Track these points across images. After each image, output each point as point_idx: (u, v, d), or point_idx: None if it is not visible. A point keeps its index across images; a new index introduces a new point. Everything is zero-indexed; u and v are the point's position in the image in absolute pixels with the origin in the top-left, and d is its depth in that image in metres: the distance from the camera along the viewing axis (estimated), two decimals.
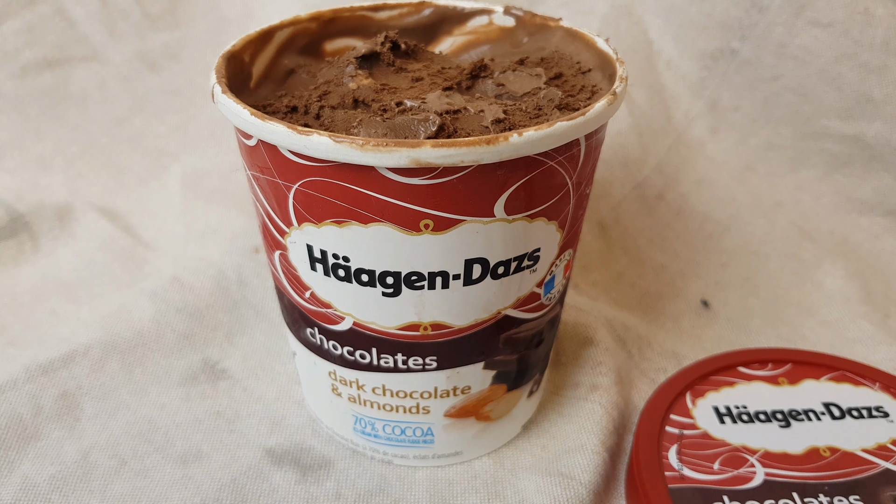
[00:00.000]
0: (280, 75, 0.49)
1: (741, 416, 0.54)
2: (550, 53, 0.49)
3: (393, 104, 0.41)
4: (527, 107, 0.41)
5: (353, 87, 0.43)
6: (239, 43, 0.46)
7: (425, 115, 0.39)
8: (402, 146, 0.35)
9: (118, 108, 0.84)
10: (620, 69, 0.44)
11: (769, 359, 0.59)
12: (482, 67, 0.47)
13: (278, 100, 0.45)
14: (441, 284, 0.41)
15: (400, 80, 0.45)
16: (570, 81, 0.46)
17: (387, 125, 0.39)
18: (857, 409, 0.55)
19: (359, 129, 0.39)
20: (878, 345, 0.67)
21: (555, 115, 0.41)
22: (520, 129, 0.36)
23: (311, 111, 0.42)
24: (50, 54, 0.83)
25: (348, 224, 0.39)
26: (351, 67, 0.45)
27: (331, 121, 0.41)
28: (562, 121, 0.37)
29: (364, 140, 0.35)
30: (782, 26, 0.79)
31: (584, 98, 0.44)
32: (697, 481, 0.49)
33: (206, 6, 0.87)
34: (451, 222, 0.38)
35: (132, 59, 0.85)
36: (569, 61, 0.48)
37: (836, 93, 0.79)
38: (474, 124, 0.39)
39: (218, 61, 0.44)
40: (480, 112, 0.40)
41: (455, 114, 0.40)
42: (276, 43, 0.49)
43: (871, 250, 0.77)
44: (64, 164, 0.81)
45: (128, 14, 0.85)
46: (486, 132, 0.39)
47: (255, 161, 0.41)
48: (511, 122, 0.39)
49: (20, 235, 0.75)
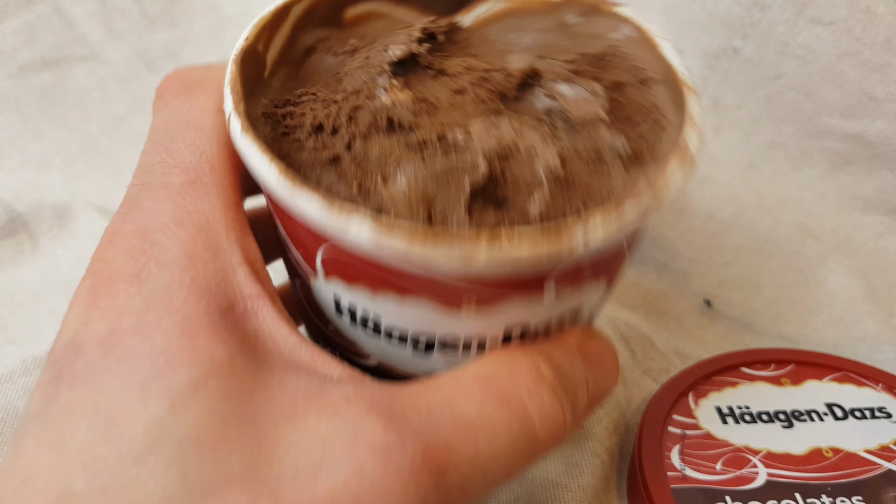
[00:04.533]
0: (297, 57, 0.44)
1: (744, 416, 0.54)
2: (605, 49, 0.44)
3: (434, 137, 0.37)
4: (585, 149, 0.37)
5: (387, 103, 0.39)
6: (252, 32, 0.41)
7: (472, 158, 0.36)
8: (455, 243, 0.31)
9: (117, 108, 0.84)
10: (693, 103, 0.39)
11: (772, 359, 0.59)
12: (532, 75, 0.41)
13: (299, 103, 0.41)
14: (476, 347, 0.40)
15: (439, 89, 0.41)
16: (632, 99, 0.42)
17: (428, 170, 0.35)
18: (860, 410, 0.55)
19: (396, 172, 0.36)
20: (883, 344, 0.67)
21: (617, 170, 0.37)
22: (585, 229, 0.32)
23: (340, 137, 0.38)
24: (48, 54, 0.83)
25: (383, 292, 0.37)
26: (384, 78, 0.40)
27: (363, 156, 0.37)
28: (631, 205, 0.33)
29: (410, 234, 0.32)
30: (784, 24, 0.79)
31: (649, 135, 0.40)
32: (700, 482, 0.49)
33: (205, 5, 0.87)
34: (497, 297, 0.37)
35: (131, 59, 0.85)
36: (628, 64, 0.43)
37: (839, 91, 0.79)
38: (526, 170, 0.36)
39: (231, 70, 0.40)
40: (532, 151, 0.37)
41: (504, 156, 0.36)
42: (293, 19, 0.44)
43: (874, 248, 0.76)
44: (63, 163, 0.81)
45: (126, 13, 0.85)
46: (538, 188, 0.35)
47: (279, 208, 0.38)
48: (569, 173, 0.36)
49: (19, 235, 0.75)
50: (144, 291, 0.34)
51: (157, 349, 0.32)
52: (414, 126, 0.38)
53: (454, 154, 0.36)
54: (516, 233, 0.32)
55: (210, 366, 0.32)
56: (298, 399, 0.33)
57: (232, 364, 0.33)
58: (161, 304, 0.33)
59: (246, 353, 0.34)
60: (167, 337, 0.32)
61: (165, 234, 0.35)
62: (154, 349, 0.32)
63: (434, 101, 0.39)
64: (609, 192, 0.37)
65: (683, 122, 0.39)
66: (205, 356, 0.32)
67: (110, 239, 0.36)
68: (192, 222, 0.36)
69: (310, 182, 0.37)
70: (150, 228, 0.35)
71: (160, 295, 0.34)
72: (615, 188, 0.37)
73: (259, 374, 0.33)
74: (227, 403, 0.32)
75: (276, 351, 0.35)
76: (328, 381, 0.34)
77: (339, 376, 0.35)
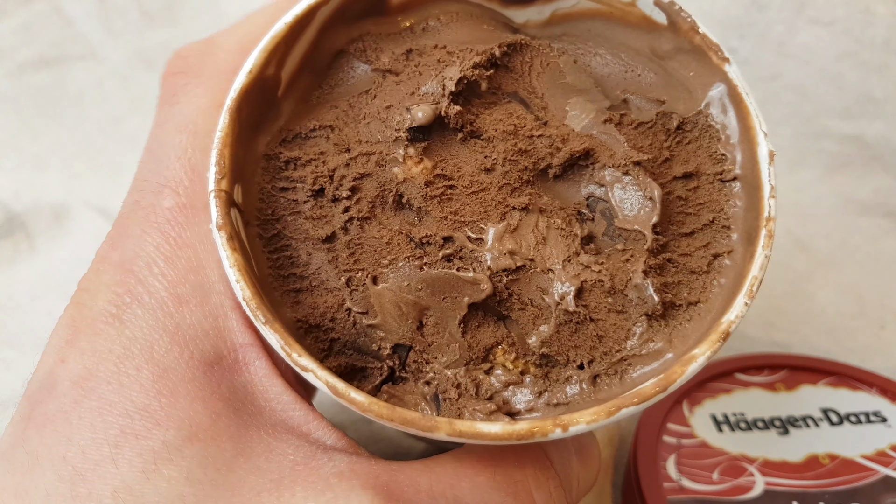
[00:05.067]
0: (322, 63, 0.40)
1: (739, 423, 0.54)
2: (695, 118, 0.38)
3: (440, 238, 0.34)
4: (612, 288, 0.34)
5: (398, 175, 0.35)
6: (257, 61, 0.36)
7: (473, 279, 0.34)
8: (412, 425, 0.30)
9: (115, 107, 0.84)
10: (761, 251, 0.34)
11: (765, 364, 0.59)
12: (585, 155, 0.36)
13: (309, 138, 0.37)
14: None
15: (465, 160, 0.36)
16: (702, 200, 0.37)
17: (425, 279, 0.34)
18: (856, 415, 0.55)
19: (389, 274, 0.34)
20: (874, 355, 0.67)
21: (640, 327, 0.35)
22: (566, 427, 0.30)
23: (340, 211, 0.35)
24: (46, 53, 0.83)
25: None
26: (400, 144, 0.35)
27: (359, 243, 0.35)
28: (628, 410, 0.31)
29: (365, 407, 0.30)
30: (782, 25, 0.79)
31: (696, 283, 0.36)
32: (697, 492, 0.49)
33: (205, 3, 0.87)
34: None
35: (130, 58, 0.85)
36: (711, 148, 0.38)
37: (837, 92, 0.79)
38: (537, 293, 0.34)
39: (224, 125, 0.35)
40: (548, 273, 0.34)
41: (515, 272, 0.34)
42: (319, 22, 0.39)
43: (869, 253, 0.76)
44: (60, 163, 0.81)
45: (125, 12, 0.85)
46: (545, 321, 0.34)
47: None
48: (584, 309, 0.34)
49: (16, 235, 0.75)
50: (125, 336, 0.32)
51: (134, 405, 0.31)
52: (423, 211, 0.35)
53: (457, 263, 0.34)
54: (478, 422, 0.30)
55: (189, 429, 0.31)
56: (285, 469, 0.31)
57: (214, 427, 0.31)
58: (141, 352, 0.32)
59: (231, 414, 0.32)
60: (144, 392, 0.31)
61: (151, 272, 0.34)
62: (130, 405, 0.31)
63: (454, 179, 0.35)
64: (619, 348, 0.34)
65: (740, 284, 0.34)
66: (184, 417, 0.31)
67: (97, 267, 0.35)
68: (180, 259, 0.34)
69: (302, 302, 0.35)
70: (136, 262, 0.34)
71: (141, 342, 0.32)
72: (627, 350, 0.34)
73: (244, 439, 0.32)
74: (205, 471, 0.30)
75: (268, 409, 0.33)
76: (320, 450, 0.32)
77: (333, 445, 0.33)
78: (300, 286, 0.36)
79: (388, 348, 0.35)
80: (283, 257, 0.36)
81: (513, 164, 0.36)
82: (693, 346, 0.33)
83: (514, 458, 0.34)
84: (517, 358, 0.35)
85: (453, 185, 0.35)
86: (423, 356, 0.35)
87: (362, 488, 0.30)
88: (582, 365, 0.35)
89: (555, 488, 0.35)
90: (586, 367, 0.34)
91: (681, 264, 0.36)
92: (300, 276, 0.36)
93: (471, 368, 0.35)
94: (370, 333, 0.35)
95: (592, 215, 0.36)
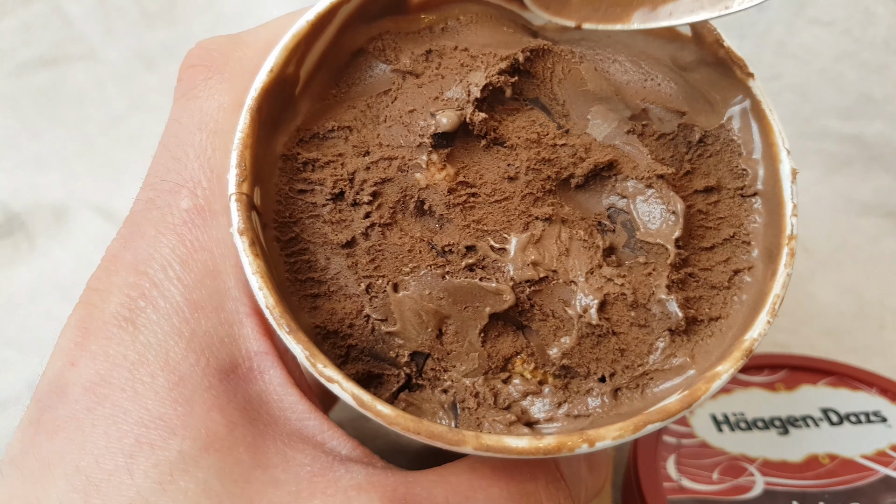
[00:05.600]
0: (340, 62, 0.39)
1: (739, 423, 0.54)
2: (717, 131, 0.38)
3: (462, 247, 0.34)
4: (635, 301, 0.34)
5: (421, 182, 0.35)
6: (278, 59, 0.35)
7: (496, 289, 0.33)
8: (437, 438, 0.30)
9: (115, 107, 0.84)
10: (783, 269, 0.35)
11: (765, 364, 0.59)
12: (609, 166, 0.36)
13: (327, 139, 0.37)
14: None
15: (487, 166, 0.36)
16: (722, 215, 0.37)
17: (447, 288, 0.33)
18: (855, 415, 0.55)
19: (410, 282, 0.34)
20: (874, 355, 0.67)
21: (663, 342, 0.35)
22: (591, 442, 0.30)
23: (360, 215, 0.35)
24: (46, 52, 0.82)
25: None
26: (424, 150, 0.35)
27: (379, 249, 0.34)
28: (653, 426, 0.31)
29: (391, 419, 0.30)
30: (782, 24, 0.79)
31: (717, 298, 0.36)
32: (697, 492, 0.49)
33: (204, 3, 0.87)
34: None
35: (129, 58, 0.85)
36: (732, 162, 0.38)
37: (837, 92, 0.79)
38: (559, 304, 0.34)
39: (244, 125, 0.34)
40: (571, 285, 0.34)
41: (538, 283, 0.34)
42: (340, 20, 0.38)
43: (869, 253, 0.76)
44: (60, 163, 0.81)
45: (125, 12, 0.85)
46: (567, 332, 0.34)
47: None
48: (606, 322, 0.34)
49: (16, 235, 0.75)
50: (139, 341, 0.31)
51: (149, 414, 0.30)
52: (444, 219, 0.35)
53: (479, 273, 0.34)
54: (505, 437, 0.30)
55: (206, 439, 0.30)
56: (303, 480, 0.31)
57: (230, 437, 0.30)
58: (156, 358, 0.31)
59: (247, 423, 0.31)
60: (160, 400, 0.30)
61: (167, 275, 0.33)
62: (145, 413, 0.30)
63: (477, 186, 0.35)
64: (641, 363, 0.34)
65: (762, 301, 0.34)
66: (200, 427, 0.30)
67: (107, 266, 0.34)
68: (196, 262, 0.33)
69: (319, 308, 0.34)
70: (151, 264, 0.33)
71: (156, 348, 0.31)
72: (650, 364, 0.34)
73: (260, 449, 0.31)
74: (222, 482, 0.29)
75: (282, 419, 0.32)
76: (336, 461, 0.32)
77: (348, 455, 0.32)
78: (318, 291, 0.35)
79: (405, 356, 0.34)
80: (300, 261, 0.35)
81: (536, 173, 0.35)
82: (716, 363, 0.33)
83: (527, 468, 0.34)
84: (536, 368, 0.35)
85: (476, 193, 0.35)
86: (441, 364, 0.35)
87: (380, 501, 0.30)
88: (603, 377, 0.34)
89: (564, 499, 0.35)
90: (608, 379, 0.34)
91: (702, 279, 0.36)
92: (318, 280, 0.35)
93: (489, 378, 0.34)
94: (388, 340, 0.34)
95: (613, 227, 0.36)
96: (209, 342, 0.32)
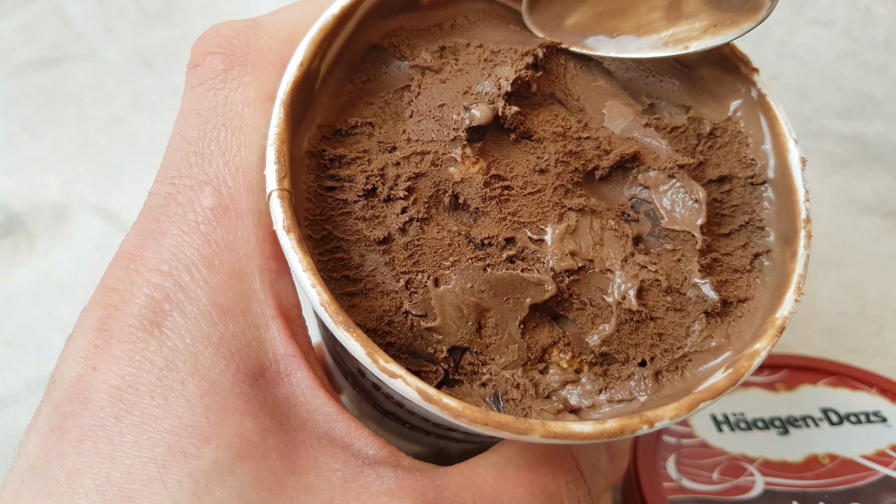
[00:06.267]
0: (355, 57, 0.39)
1: (739, 423, 0.54)
2: (724, 123, 0.40)
3: (501, 239, 0.34)
4: (669, 287, 0.35)
5: (455, 176, 0.35)
6: (307, 52, 0.35)
7: (540, 276, 0.34)
8: (505, 429, 0.30)
9: (115, 107, 0.84)
10: (802, 250, 0.36)
11: (765, 364, 0.59)
12: (633, 157, 0.37)
13: (350, 135, 0.37)
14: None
15: (518, 161, 0.36)
16: (735, 203, 0.39)
17: (488, 280, 0.33)
18: (856, 415, 0.55)
19: (451, 276, 0.33)
20: (874, 355, 0.67)
21: (700, 325, 0.35)
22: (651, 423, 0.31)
23: (394, 211, 0.34)
24: (46, 52, 0.82)
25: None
26: (458, 144, 0.35)
27: (417, 244, 0.34)
28: (706, 403, 0.32)
29: (458, 413, 0.30)
30: (782, 24, 0.79)
31: (742, 282, 0.37)
32: (697, 492, 0.49)
33: (204, 3, 0.87)
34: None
35: (129, 58, 0.85)
36: (741, 153, 0.39)
37: (836, 92, 0.79)
38: (596, 293, 0.34)
39: (278, 120, 0.33)
40: (607, 273, 0.34)
41: (576, 273, 0.34)
42: (359, 15, 0.38)
43: (869, 253, 0.77)
44: (60, 163, 0.81)
45: (125, 12, 0.85)
46: (605, 319, 0.34)
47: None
48: (644, 308, 0.34)
49: (16, 235, 0.75)
50: (166, 346, 0.30)
51: (181, 422, 0.29)
52: (480, 212, 0.35)
53: (520, 264, 0.34)
54: (570, 423, 0.30)
55: (240, 447, 0.29)
56: (335, 487, 0.30)
57: (264, 444, 0.30)
58: (186, 364, 0.30)
59: (278, 429, 0.30)
60: (191, 407, 0.29)
61: (192, 277, 0.31)
62: (177, 421, 0.29)
63: (509, 179, 0.35)
64: (679, 345, 0.35)
65: (786, 282, 0.36)
66: (234, 434, 0.29)
67: (126, 265, 0.32)
68: (223, 264, 0.32)
69: (357, 306, 0.34)
70: (175, 265, 0.31)
71: (185, 353, 0.30)
72: (688, 347, 0.35)
73: (293, 456, 0.30)
74: (257, 491, 0.29)
75: (311, 421, 0.32)
76: (367, 465, 0.31)
77: (375, 455, 0.32)
78: (354, 289, 0.34)
79: (444, 351, 0.34)
80: (334, 259, 0.35)
81: (564, 166, 0.36)
82: (752, 342, 0.34)
83: (549, 467, 0.34)
84: (573, 357, 0.35)
85: (509, 186, 0.35)
86: (480, 358, 0.34)
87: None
88: (643, 362, 0.35)
89: (584, 496, 0.35)
90: (648, 364, 0.35)
91: (725, 263, 0.37)
92: (353, 278, 0.34)
93: (528, 369, 0.34)
94: (427, 336, 0.34)
95: (637, 217, 0.37)
96: (238, 347, 0.31)
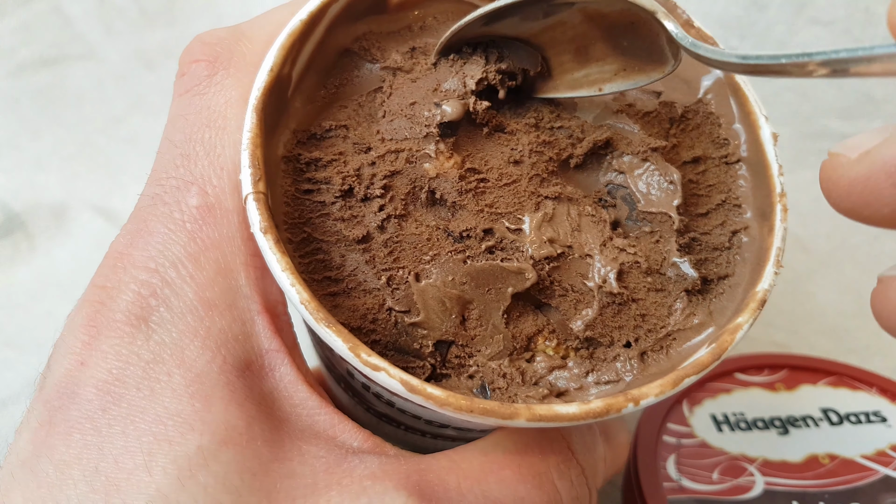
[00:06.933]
0: (327, 61, 0.39)
1: (739, 423, 0.54)
2: (696, 106, 0.40)
3: (479, 231, 0.35)
4: (649, 268, 0.35)
5: (430, 171, 0.35)
6: (276, 59, 0.36)
7: (518, 268, 0.34)
8: (491, 416, 0.30)
9: (115, 108, 0.84)
10: (779, 224, 0.37)
11: (765, 364, 0.59)
12: (606, 144, 0.38)
13: (325, 139, 0.37)
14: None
15: (492, 153, 0.37)
16: (711, 182, 0.39)
17: (469, 272, 0.34)
18: (855, 415, 0.55)
19: (432, 270, 0.34)
20: (874, 355, 0.67)
21: (681, 303, 0.36)
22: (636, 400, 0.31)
23: (372, 210, 0.35)
24: (46, 53, 0.82)
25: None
26: (431, 140, 0.35)
27: (396, 241, 0.35)
28: (690, 378, 0.32)
29: (443, 402, 0.30)
30: (783, 24, 0.79)
31: (721, 259, 0.37)
32: (697, 492, 0.49)
33: (204, 3, 0.87)
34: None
35: (129, 58, 0.85)
36: (714, 133, 0.40)
37: (836, 92, 0.79)
38: (577, 279, 0.35)
39: (251, 125, 0.34)
40: (588, 258, 0.35)
41: (556, 260, 0.35)
42: (328, 20, 0.38)
43: (869, 253, 0.76)
44: (60, 163, 0.81)
45: (124, 12, 0.85)
46: (588, 304, 0.34)
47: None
48: (625, 290, 0.35)
49: (16, 235, 0.75)
50: (153, 340, 0.31)
51: (166, 411, 0.29)
52: (457, 206, 0.35)
53: (500, 254, 0.34)
54: (555, 405, 0.31)
55: (225, 434, 0.30)
56: (318, 473, 0.31)
57: (249, 431, 0.30)
58: (172, 357, 0.31)
59: (264, 418, 0.31)
60: (177, 397, 0.30)
61: (178, 273, 0.32)
62: (162, 410, 0.29)
63: (484, 172, 0.36)
64: (663, 325, 0.35)
65: (765, 256, 0.36)
66: (219, 422, 0.30)
67: (114, 263, 0.33)
68: (209, 261, 0.33)
69: (340, 306, 0.34)
70: (162, 262, 0.32)
71: (171, 347, 0.31)
72: (671, 326, 0.35)
73: (277, 444, 0.31)
74: (241, 477, 0.29)
75: (294, 415, 0.33)
76: (350, 453, 0.32)
77: (360, 446, 0.32)
78: (336, 289, 0.35)
79: (429, 346, 0.34)
80: (315, 261, 0.35)
81: (539, 156, 0.36)
82: (734, 317, 0.34)
83: (538, 449, 0.34)
84: (558, 344, 0.35)
85: (485, 179, 0.36)
86: (466, 350, 0.35)
87: (395, 489, 0.30)
88: (628, 343, 0.35)
89: (576, 476, 0.35)
90: (633, 344, 0.35)
91: (703, 242, 0.37)
92: (335, 279, 0.35)
93: (514, 358, 0.35)
94: (411, 332, 0.34)
95: (614, 202, 0.37)
96: (224, 340, 0.32)
